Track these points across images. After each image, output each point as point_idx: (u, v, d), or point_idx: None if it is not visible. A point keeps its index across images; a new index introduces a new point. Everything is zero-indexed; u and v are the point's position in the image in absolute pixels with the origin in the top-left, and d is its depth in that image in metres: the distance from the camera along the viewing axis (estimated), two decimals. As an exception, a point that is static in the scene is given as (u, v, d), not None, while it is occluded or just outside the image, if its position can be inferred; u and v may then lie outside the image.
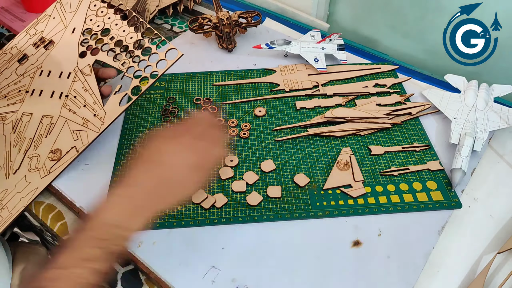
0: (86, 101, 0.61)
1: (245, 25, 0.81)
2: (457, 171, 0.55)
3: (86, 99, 0.61)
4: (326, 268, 0.49)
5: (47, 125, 0.61)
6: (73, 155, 0.58)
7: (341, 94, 0.70)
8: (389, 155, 0.61)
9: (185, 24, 0.90)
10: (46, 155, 0.59)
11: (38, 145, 0.60)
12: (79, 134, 0.59)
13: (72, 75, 0.62)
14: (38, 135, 0.61)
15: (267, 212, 0.54)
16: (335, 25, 0.96)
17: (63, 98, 0.61)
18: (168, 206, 0.42)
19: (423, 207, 0.54)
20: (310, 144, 0.62)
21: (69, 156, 0.58)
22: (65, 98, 0.61)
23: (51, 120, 0.61)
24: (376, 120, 0.64)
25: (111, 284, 0.51)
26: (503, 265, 0.51)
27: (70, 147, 0.58)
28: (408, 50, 0.88)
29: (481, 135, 0.60)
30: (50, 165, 0.58)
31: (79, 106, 0.61)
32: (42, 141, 0.60)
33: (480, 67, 0.67)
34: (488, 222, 0.55)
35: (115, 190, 0.42)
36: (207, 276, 0.48)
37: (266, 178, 0.58)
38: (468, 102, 0.66)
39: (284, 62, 0.78)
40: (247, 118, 0.67)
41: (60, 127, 0.60)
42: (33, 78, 0.64)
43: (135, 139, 0.63)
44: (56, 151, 0.59)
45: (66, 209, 0.58)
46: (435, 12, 0.79)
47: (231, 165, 0.59)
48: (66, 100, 0.61)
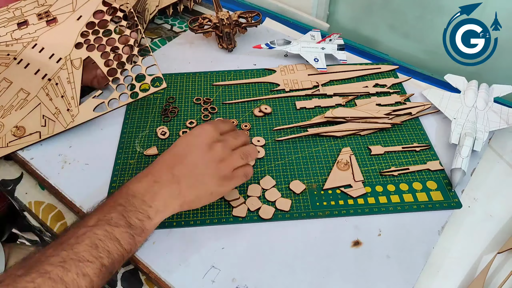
0: (65, 93, 0.60)
1: (245, 25, 0.81)
2: (457, 171, 0.55)
3: (66, 91, 0.60)
4: (326, 268, 0.49)
5: (21, 100, 0.60)
6: (35, 139, 0.58)
7: (341, 94, 0.70)
8: (389, 155, 0.61)
9: (185, 24, 0.90)
10: (10, 128, 0.59)
11: (6, 115, 0.60)
12: (48, 122, 0.59)
13: (62, 61, 0.61)
14: (10, 105, 0.60)
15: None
16: (335, 25, 0.96)
17: (45, 80, 0.61)
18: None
19: (423, 207, 0.54)
20: (310, 144, 0.62)
21: (31, 138, 0.58)
22: (47, 81, 0.61)
23: (27, 97, 0.61)
24: (376, 120, 0.64)
25: (111, 284, 0.51)
26: (503, 265, 0.51)
27: (35, 130, 0.59)
28: (408, 50, 0.88)
29: (481, 135, 0.60)
30: (10, 139, 0.58)
31: (57, 95, 0.60)
32: (11, 113, 0.60)
33: (480, 67, 0.67)
34: (488, 222, 0.55)
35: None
36: (207, 276, 0.48)
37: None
38: (468, 102, 0.66)
39: (284, 62, 0.78)
40: (247, 118, 0.67)
41: (32, 106, 0.60)
42: (25, 47, 0.63)
43: (135, 139, 0.63)
44: (20, 128, 0.59)
45: (66, 209, 0.58)
46: (435, 12, 0.79)
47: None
48: (47, 83, 0.61)
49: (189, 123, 0.65)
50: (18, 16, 0.66)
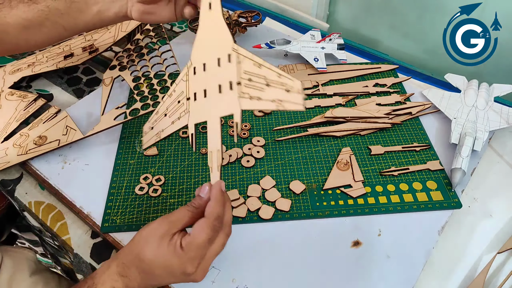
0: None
1: (245, 25, 0.81)
2: (457, 171, 0.55)
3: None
4: (326, 268, 0.49)
5: (51, 114, 0.66)
6: (53, 147, 0.60)
7: (341, 93, 0.70)
8: (389, 155, 0.61)
9: (185, 24, 0.90)
10: (34, 137, 0.62)
11: (34, 127, 0.64)
12: (69, 131, 0.61)
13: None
14: (39, 119, 0.65)
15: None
16: (335, 24, 0.96)
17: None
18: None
19: (423, 207, 0.54)
20: (310, 144, 0.62)
21: (50, 146, 0.60)
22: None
23: (57, 112, 0.66)
24: (376, 120, 0.64)
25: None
26: (503, 265, 0.51)
27: (56, 139, 0.61)
28: (408, 50, 0.88)
29: (481, 134, 0.60)
30: (31, 147, 0.60)
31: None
32: (39, 126, 0.64)
33: (480, 67, 0.67)
34: (488, 222, 0.55)
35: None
36: (207, 276, 0.47)
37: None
38: (468, 101, 0.66)
39: (284, 61, 0.77)
40: (247, 118, 0.67)
41: (59, 119, 0.64)
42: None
43: (135, 139, 0.63)
44: (43, 137, 0.62)
45: (66, 209, 0.58)
46: (435, 12, 0.79)
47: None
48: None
49: (189, 123, 0.65)
50: (66, 51, 0.76)
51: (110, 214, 0.53)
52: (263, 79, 0.42)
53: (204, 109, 0.44)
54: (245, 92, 0.42)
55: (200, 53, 0.46)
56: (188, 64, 0.46)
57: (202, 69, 0.45)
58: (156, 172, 0.59)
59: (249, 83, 0.42)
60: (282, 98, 0.41)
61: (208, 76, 0.44)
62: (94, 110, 0.67)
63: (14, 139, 0.63)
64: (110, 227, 0.52)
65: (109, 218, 0.53)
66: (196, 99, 0.45)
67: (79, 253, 0.54)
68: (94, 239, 0.55)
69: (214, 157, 0.42)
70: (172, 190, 0.56)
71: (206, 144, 0.62)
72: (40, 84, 0.74)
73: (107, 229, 0.52)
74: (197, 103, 0.44)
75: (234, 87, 0.42)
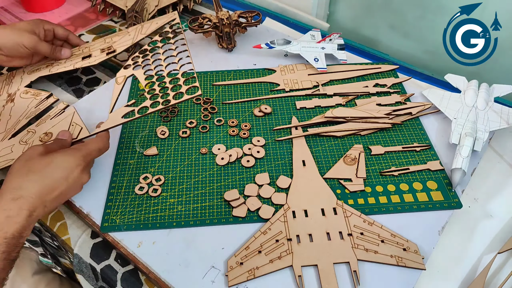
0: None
1: (245, 25, 0.81)
2: (457, 171, 0.55)
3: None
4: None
5: (60, 110, 0.65)
6: None
7: (341, 94, 0.70)
8: (389, 155, 0.61)
9: (185, 24, 0.89)
10: (40, 134, 0.62)
11: (41, 123, 0.64)
12: (75, 128, 0.61)
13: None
14: (47, 115, 0.65)
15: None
16: (335, 24, 0.96)
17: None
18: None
19: (423, 207, 0.54)
20: (310, 144, 0.62)
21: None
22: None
23: (65, 107, 0.67)
24: (376, 120, 0.64)
25: (111, 284, 0.51)
26: (504, 265, 0.50)
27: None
28: (408, 50, 0.88)
29: (482, 135, 0.60)
30: (35, 144, 0.60)
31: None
32: (46, 122, 0.63)
33: (480, 67, 0.67)
34: (488, 222, 0.54)
35: None
36: (207, 276, 0.47)
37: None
38: (468, 102, 0.66)
39: (284, 62, 0.77)
40: (247, 118, 0.67)
41: (66, 115, 0.64)
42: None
43: (135, 139, 0.63)
44: (48, 134, 0.61)
45: (66, 209, 0.58)
46: (435, 12, 0.79)
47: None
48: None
49: (189, 123, 0.65)
50: (85, 52, 0.75)
51: (109, 214, 0.53)
52: (376, 235, 0.49)
53: (311, 253, 0.48)
54: (359, 244, 0.49)
55: (297, 200, 0.53)
56: (285, 206, 0.53)
57: (304, 215, 0.52)
58: (156, 172, 0.59)
59: (362, 237, 0.49)
60: (401, 256, 0.48)
61: (311, 223, 0.51)
62: (94, 109, 0.67)
63: (21, 136, 0.63)
64: (109, 227, 0.52)
65: (109, 218, 0.53)
66: (300, 241, 0.49)
67: (79, 253, 0.54)
68: (93, 239, 0.54)
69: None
70: (172, 190, 0.56)
71: (205, 144, 0.62)
72: (40, 84, 0.74)
73: (106, 229, 0.52)
74: (301, 246, 0.49)
75: (345, 238, 0.49)
